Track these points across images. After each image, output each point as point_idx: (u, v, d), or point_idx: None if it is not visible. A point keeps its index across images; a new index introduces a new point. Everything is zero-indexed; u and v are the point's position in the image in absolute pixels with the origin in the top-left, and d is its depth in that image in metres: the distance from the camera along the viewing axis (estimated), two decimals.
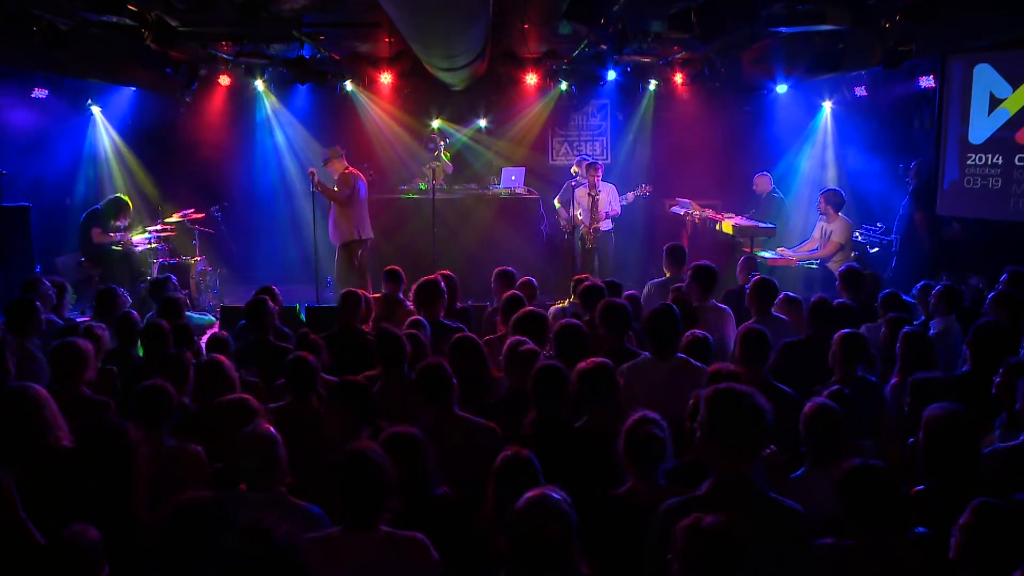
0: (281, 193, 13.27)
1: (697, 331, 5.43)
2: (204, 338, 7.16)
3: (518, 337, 5.13)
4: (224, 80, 12.39)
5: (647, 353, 5.08)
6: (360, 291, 6.55)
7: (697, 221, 11.27)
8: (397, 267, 7.52)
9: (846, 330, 5.19)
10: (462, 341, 5.14)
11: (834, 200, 9.80)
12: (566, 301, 7.90)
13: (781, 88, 12.68)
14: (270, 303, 6.22)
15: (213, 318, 9.62)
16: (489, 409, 4.75)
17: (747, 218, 10.78)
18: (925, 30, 7.42)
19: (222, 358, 4.77)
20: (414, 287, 6.52)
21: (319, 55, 11.23)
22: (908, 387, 4.50)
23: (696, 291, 6.65)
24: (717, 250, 10.46)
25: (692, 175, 12.68)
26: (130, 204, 10.62)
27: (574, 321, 5.30)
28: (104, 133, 12.66)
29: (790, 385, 4.96)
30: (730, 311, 6.61)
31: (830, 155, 12.45)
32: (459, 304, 7.70)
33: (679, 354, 5.05)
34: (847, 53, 7.76)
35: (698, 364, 5.06)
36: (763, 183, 11.43)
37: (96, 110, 12.59)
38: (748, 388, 3.19)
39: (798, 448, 4.02)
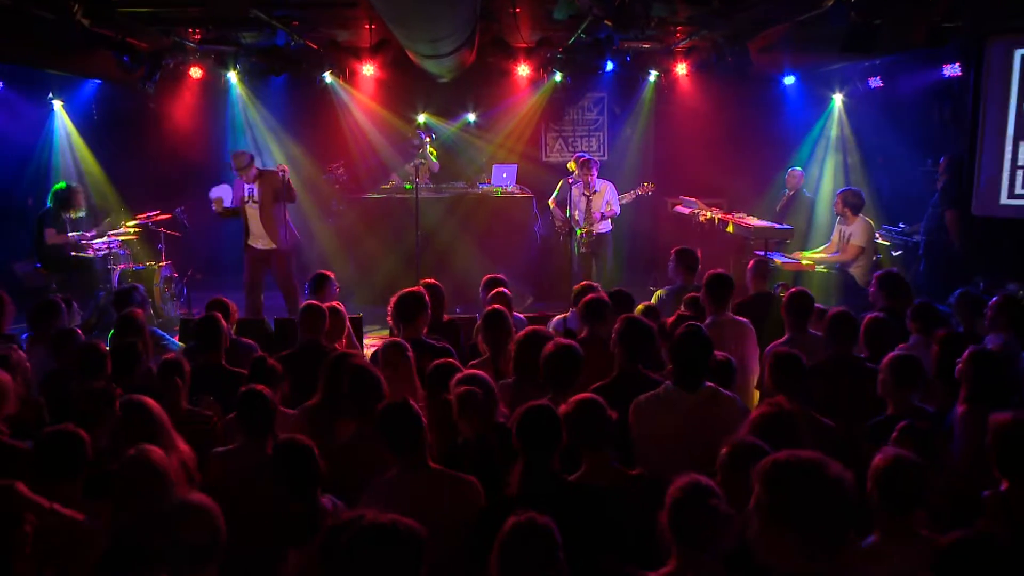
0: None
1: (718, 352, 4.63)
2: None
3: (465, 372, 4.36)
4: (195, 72, 11.55)
5: (668, 382, 4.25)
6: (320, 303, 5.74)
7: (704, 221, 10.45)
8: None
9: (898, 351, 4.39)
10: (441, 372, 4.33)
11: (852, 201, 9.01)
12: (569, 311, 7.08)
13: (789, 80, 11.95)
14: (222, 321, 5.39)
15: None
16: (468, 452, 3.95)
17: (773, 219, 9.95)
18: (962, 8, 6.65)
19: (143, 398, 3.90)
20: (393, 300, 5.67)
21: (293, 44, 10.37)
22: (990, 425, 3.68)
23: (710, 303, 5.84)
24: (726, 253, 9.68)
25: (695, 172, 11.87)
26: (78, 191, 9.71)
27: (566, 344, 4.47)
28: (66, 129, 11.84)
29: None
30: (751, 326, 5.80)
31: (843, 151, 11.69)
32: (446, 316, 6.88)
33: (706, 382, 4.23)
34: (881, 33, 6.93)
35: (728, 394, 4.26)
36: (794, 179, 10.62)
37: (58, 104, 11.76)
38: (816, 456, 2.43)
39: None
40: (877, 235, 9.40)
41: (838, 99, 11.76)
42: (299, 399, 4.92)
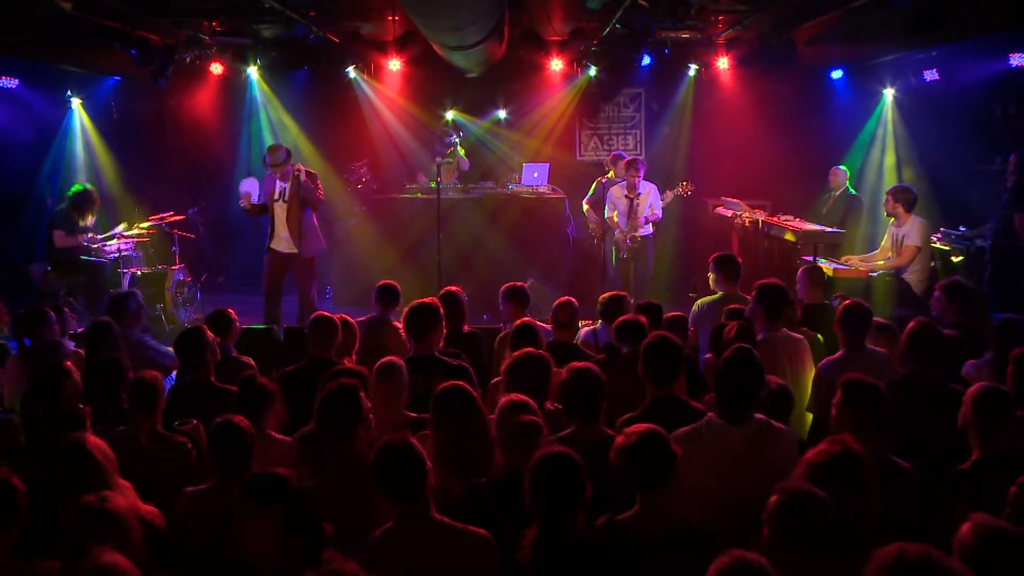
0: None
1: (772, 378, 4.03)
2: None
3: (513, 398, 3.75)
4: (216, 68, 11.14)
5: (711, 414, 3.66)
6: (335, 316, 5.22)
7: (747, 224, 9.79)
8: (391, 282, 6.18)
9: (986, 385, 3.73)
10: (448, 398, 3.77)
11: (904, 198, 8.30)
12: (598, 322, 6.50)
13: (836, 74, 11.27)
14: (206, 334, 4.89)
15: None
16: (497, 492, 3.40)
17: (818, 222, 9.26)
18: None
19: (84, 436, 3.37)
20: (404, 312, 5.14)
21: (312, 36, 9.90)
22: None
23: (762, 317, 5.22)
24: (770, 259, 9.04)
25: (738, 172, 11.22)
26: (95, 196, 9.32)
27: (582, 369, 3.86)
28: (84, 127, 11.49)
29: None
30: (807, 343, 5.19)
31: (894, 150, 10.98)
32: (466, 327, 6.34)
33: (757, 414, 3.64)
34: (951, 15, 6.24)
35: (782, 428, 3.66)
36: (838, 178, 9.93)
37: (76, 102, 11.42)
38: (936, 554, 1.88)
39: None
40: (934, 238, 8.69)
41: (889, 94, 11.05)
42: (300, 424, 4.41)
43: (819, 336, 5.73)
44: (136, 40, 8.08)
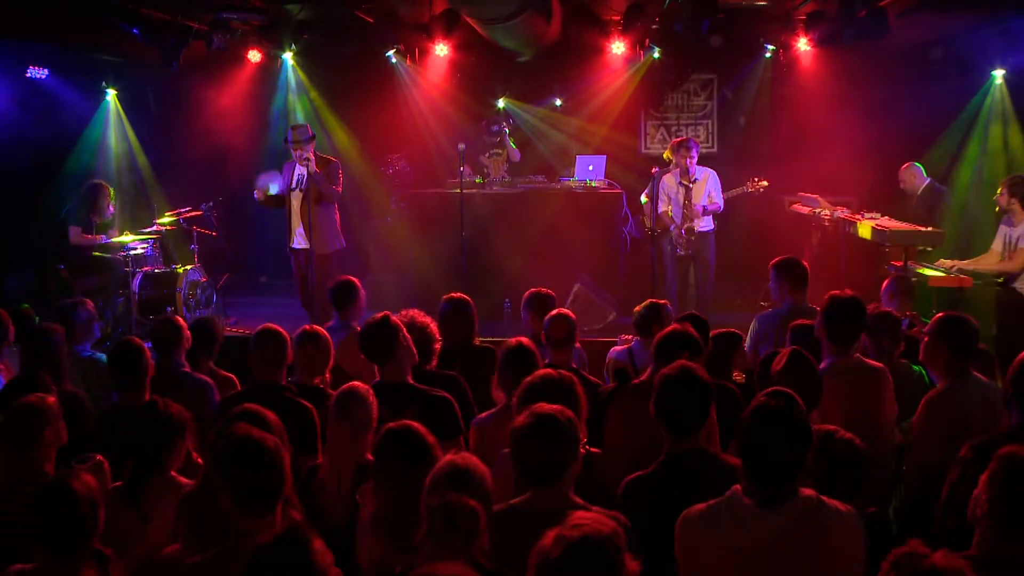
0: None
1: (834, 431, 2.96)
2: None
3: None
4: (254, 56, 10.47)
5: (738, 487, 2.62)
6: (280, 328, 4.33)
7: (828, 224, 8.55)
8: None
9: None
10: (392, 445, 2.84)
11: (1021, 191, 7.04)
12: (632, 338, 5.48)
13: (934, 51, 9.93)
14: (141, 349, 4.08)
15: None
16: None
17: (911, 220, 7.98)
18: None
19: None
20: (360, 331, 4.19)
21: (345, 17, 9.10)
22: None
23: (832, 339, 4.13)
24: (852, 263, 7.83)
25: (820, 164, 9.98)
26: (110, 190, 8.72)
27: (546, 416, 2.80)
28: (119, 118, 10.96)
29: None
30: (888, 374, 4.08)
31: (1004, 138, 9.62)
32: (477, 340, 5.40)
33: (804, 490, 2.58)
34: None
35: (840, 509, 2.57)
36: (911, 177, 8.63)
37: (112, 93, 10.89)
38: None
39: None
40: None
41: (999, 74, 9.68)
42: None
43: (918, 369, 4.58)
44: (140, 18, 7.32)
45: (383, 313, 4.09)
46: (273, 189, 7.90)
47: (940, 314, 4.15)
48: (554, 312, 4.86)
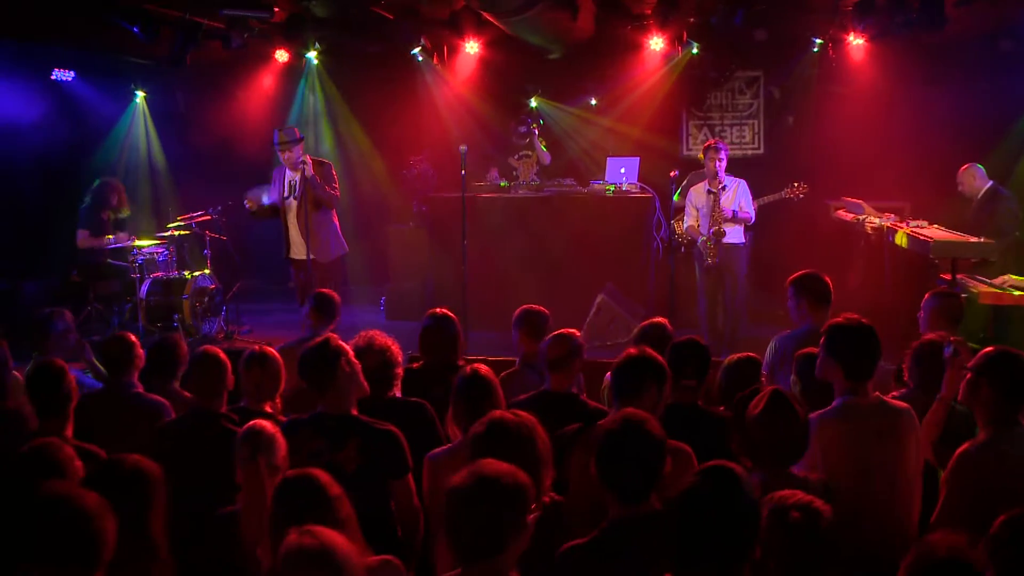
0: None
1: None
2: None
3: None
4: (281, 55, 10.25)
5: None
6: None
7: (871, 232, 7.86)
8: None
9: None
10: (289, 496, 2.44)
11: None
12: None
13: (1000, 42, 9.17)
14: (62, 372, 3.73)
15: None
16: None
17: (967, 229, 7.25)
18: None
19: None
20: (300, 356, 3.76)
21: (365, 13, 8.75)
22: None
23: (844, 372, 3.52)
24: (896, 277, 7.16)
25: (870, 167, 9.34)
26: (116, 188, 8.51)
27: (479, 476, 2.37)
28: (146, 122, 10.82)
29: None
30: (913, 416, 3.49)
31: None
32: (462, 360, 4.96)
33: None
34: None
35: None
36: (970, 178, 7.91)
37: (141, 95, 10.74)
38: None
39: None
40: None
41: None
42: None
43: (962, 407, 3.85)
44: (139, 15, 7.04)
45: (326, 335, 3.68)
46: (265, 199, 7.58)
47: (989, 348, 3.50)
48: (558, 332, 4.40)
